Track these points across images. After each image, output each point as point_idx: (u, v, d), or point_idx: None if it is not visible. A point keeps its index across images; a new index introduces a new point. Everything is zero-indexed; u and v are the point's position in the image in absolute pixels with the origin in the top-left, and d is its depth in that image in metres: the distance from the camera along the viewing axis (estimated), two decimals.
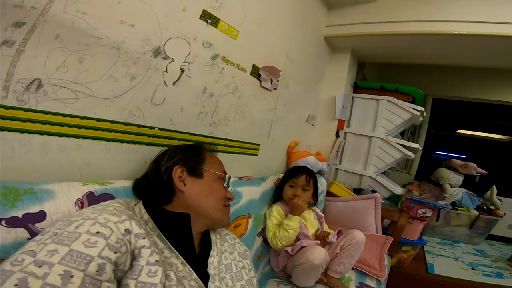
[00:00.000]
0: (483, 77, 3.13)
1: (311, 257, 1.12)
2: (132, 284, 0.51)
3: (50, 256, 0.44)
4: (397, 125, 2.13)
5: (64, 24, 0.70)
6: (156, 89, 0.96)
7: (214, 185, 0.85)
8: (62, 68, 0.71)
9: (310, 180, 1.42)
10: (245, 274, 0.81)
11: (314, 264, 1.12)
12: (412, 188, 3.15)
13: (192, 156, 0.86)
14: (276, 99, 1.65)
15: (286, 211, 1.37)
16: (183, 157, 0.84)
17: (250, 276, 0.82)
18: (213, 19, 1.12)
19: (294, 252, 1.24)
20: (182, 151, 0.86)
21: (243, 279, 0.79)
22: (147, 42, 0.90)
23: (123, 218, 0.56)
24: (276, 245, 1.26)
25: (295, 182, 1.41)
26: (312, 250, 1.15)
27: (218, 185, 0.87)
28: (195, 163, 0.84)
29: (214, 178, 0.86)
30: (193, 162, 0.84)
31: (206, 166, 0.85)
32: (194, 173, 0.83)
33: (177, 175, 0.79)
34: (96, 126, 0.82)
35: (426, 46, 1.95)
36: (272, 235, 1.29)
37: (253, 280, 0.82)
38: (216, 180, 0.86)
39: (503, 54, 1.83)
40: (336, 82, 2.24)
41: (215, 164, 0.90)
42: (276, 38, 1.55)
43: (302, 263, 1.15)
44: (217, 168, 0.89)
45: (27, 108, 0.68)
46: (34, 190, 0.63)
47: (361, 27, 1.95)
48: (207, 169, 0.85)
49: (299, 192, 1.38)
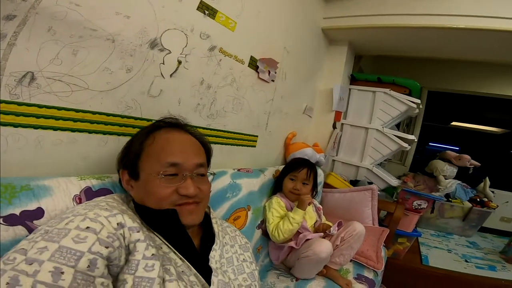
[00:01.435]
0: (478, 70, 3.16)
1: (317, 250, 1.13)
2: (130, 279, 0.51)
3: (40, 254, 0.43)
4: (393, 117, 2.14)
5: (57, 16, 0.67)
6: (153, 81, 0.94)
7: (149, 186, 0.67)
8: (56, 60, 0.69)
9: (310, 174, 1.42)
10: (246, 267, 0.80)
11: (321, 257, 1.13)
12: (407, 179, 3.18)
13: (127, 152, 0.73)
14: (274, 91, 1.64)
15: (286, 203, 1.38)
16: (123, 156, 0.74)
17: (252, 269, 0.81)
18: (211, 10, 1.10)
19: (299, 246, 1.24)
20: (125, 146, 0.75)
21: (245, 272, 0.78)
22: (143, 34, 0.88)
23: (114, 212, 0.55)
24: (278, 237, 1.26)
25: (296, 176, 1.40)
26: (319, 244, 1.16)
27: (154, 186, 0.67)
28: (131, 161, 0.70)
29: (149, 177, 0.67)
30: (129, 160, 0.71)
31: (141, 163, 0.69)
32: (133, 174, 0.70)
33: (125, 180, 0.71)
34: (92, 119, 0.80)
35: (423, 39, 1.96)
36: (274, 227, 1.28)
37: (255, 272, 0.82)
38: (152, 179, 0.67)
39: (498, 48, 1.84)
40: (333, 74, 2.24)
41: (153, 156, 0.69)
42: (274, 30, 1.53)
43: (309, 255, 1.15)
44: (155, 162, 0.68)
45: (20, 102, 0.66)
46: (31, 187, 0.62)
47: (358, 20, 1.94)
48: (141, 168, 0.69)
49: (299, 186, 1.39)
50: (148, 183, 0.67)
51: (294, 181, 1.40)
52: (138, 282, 0.51)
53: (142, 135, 0.73)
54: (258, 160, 1.63)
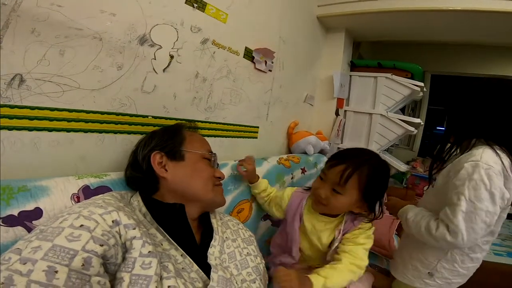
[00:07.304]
0: (481, 52, 3.08)
1: None
2: (127, 277, 0.50)
3: (34, 253, 0.43)
4: (397, 101, 2.10)
5: (39, 18, 0.67)
6: (145, 77, 0.94)
7: (198, 166, 0.79)
8: (43, 61, 0.69)
9: (349, 177, 0.85)
10: (250, 261, 0.77)
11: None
12: (416, 164, 3.12)
13: (169, 138, 0.80)
14: (272, 81, 1.62)
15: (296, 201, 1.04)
16: (160, 141, 0.79)
17: (257, 262, 0.79)
18: (200, 3, 1.09)
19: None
20: (158, 135, 0.81)
21: (249, 266, 0.76)
22: (132, 30, 0.88)
23: (109, 210, 0.54)
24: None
25: (325, 174, 0.92)
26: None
27: (202, 165, 0.80)
28: (174, 146, 0.78)
29: (197, 158, 0.80)
30: (171, 144, 0.78)
31: (186, 147, 0.79)
32: (174, 157, 0.77)
33: (156, 161, 0.75)
34: (86, 118, 0.80)
35: (422, 23, 1.91)
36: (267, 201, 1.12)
37: (260, 266, 0.79)
38: (199, 160, 0.80)
39: (499, 29, 1.79)
40: (333, 62, 2.21)
41: (196, 142, 0.83)
42: (267, 20, 1.51)
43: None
44: (200, 147, 0.82)
45: (12, 104, 0.66)
46: (28, 187, 0.62)
47: (353, 5, 1.89)
48: (188, 150, 0.79)
49: (323, 193, 0.89)
50: (196, 163, 0.79)
51: (323, 181, 0.93)
52: (135, 280, 0.50)
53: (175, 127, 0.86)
54: (261, 152, 1.62)
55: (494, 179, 0.78)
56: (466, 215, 0.79)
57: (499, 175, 0.79)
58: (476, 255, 0.93)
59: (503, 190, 0.79)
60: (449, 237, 0.82)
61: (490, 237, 0.92)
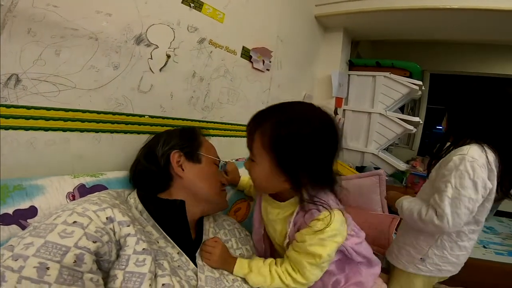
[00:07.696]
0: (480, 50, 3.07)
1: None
2: (120, 275, 0.50)
3: (26, 249, 0.43)
4: (396, 100, 2.11)
5: (35, 18, 0.68)
6: (142, 76, 0.94)
7: (211, 170, 0.84)
8: (39, 61, 0.69)
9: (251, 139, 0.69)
10: None
11: None
12: (416, 163, 3.11)
13: (188, 140, 0.83)
14: (270, 80, 1.63)
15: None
16: (180, 142, 0.81)
17: None
18: (196, 3, 1.09)
19: None
20: (176, 136, 0.83)
21: None
22: (128, 30, 0.88)
23: (104, 207, 0.54)
24: None
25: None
26: None
27: (214, 170, 0.85)
28: (192, 148, 0.82)
29: (211, 162, 0.84)
30: (190, 147, 0.82)
31: (203, 151, 0.83)
32: (191, 158, 0.80)
33: (175, 160, 0.77)
34: (83, 118, 0.81)
35: (420, 22, 1.92)
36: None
37: None
38: (212, 165, 0.85)
39: (498, 28, 1.80)
40: (331, 61, 2.21)
41: (211, 148, 0.88)
42: (265, 19, 1.51)
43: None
44: (213, 154, 0.87)
45: (9, 104, 0.67)
46: (23, 186, 0.62)
47: (351, 5, 1.91)
48: (204, 154, 0.83)
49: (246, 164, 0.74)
50: (211, 167, 0.83)
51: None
52: (128, 278, 0.49)
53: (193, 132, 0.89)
54: None
55: (478, 170, 0.86)
56: (452, 201, 0.87)
57: (483, 167, 0.87)
58: (464, 243, 1.00)
59: (485, 180, 0.88)
60: (436, 220, 0.89)
61: (475, 226, 1.01)
